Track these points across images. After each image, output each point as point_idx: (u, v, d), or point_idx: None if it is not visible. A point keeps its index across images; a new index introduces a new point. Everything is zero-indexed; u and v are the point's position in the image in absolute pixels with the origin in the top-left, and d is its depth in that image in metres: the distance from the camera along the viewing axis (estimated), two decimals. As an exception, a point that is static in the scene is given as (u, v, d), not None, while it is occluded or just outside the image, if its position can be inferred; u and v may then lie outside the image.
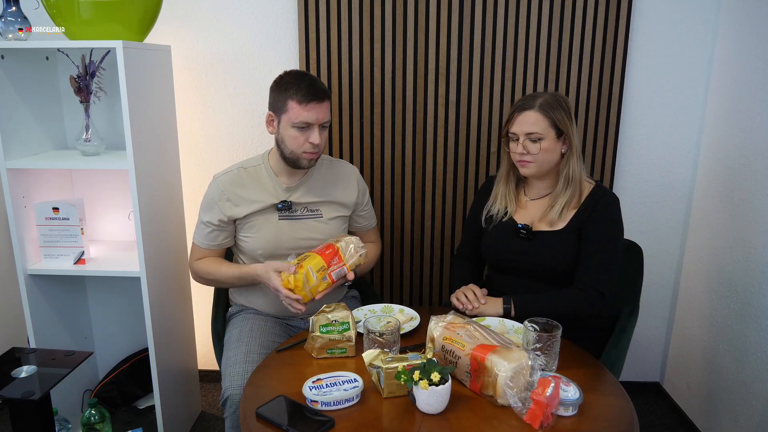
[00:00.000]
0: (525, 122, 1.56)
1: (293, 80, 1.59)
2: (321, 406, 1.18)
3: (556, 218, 1.60)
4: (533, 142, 1.56)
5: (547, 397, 1.11)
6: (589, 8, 2.06)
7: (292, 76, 1.61)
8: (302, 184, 1.71)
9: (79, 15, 1.70)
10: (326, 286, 1.55)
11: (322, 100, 1.58)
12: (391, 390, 1.21)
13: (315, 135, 1.59)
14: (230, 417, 1.48)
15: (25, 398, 1.21)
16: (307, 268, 1.51)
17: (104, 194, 2.18)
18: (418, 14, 2.08)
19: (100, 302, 2.29)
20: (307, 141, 1.59)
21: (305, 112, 1.56)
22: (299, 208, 1.71)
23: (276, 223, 1.69)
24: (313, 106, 1.57)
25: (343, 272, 1.57)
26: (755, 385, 1.81)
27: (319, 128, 1.60)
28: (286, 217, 1.69)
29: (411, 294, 2.37)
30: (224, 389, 1.49)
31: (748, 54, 1.91)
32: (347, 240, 1.61)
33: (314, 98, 1.56)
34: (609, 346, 1.59)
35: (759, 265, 1.81)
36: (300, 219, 1.70)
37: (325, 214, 1.73)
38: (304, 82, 1.58)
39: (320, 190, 1.73)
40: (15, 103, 1.83)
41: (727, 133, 2.02)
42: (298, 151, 1.61)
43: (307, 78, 1.60)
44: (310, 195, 1.72)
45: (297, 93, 1.56)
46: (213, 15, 2.14)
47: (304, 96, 1.56)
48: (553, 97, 1.57)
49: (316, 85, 1.58)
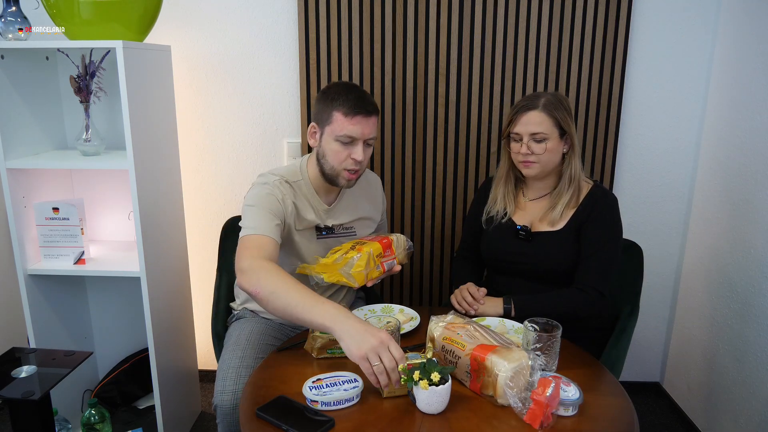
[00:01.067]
0: (529, 122, 1.55)
1: (341, 91, 1.51)
2: (321, 406, 1.18)
3: (558, 218, 1.60)
4: (538, 142, 1.55)
5: (547, 397, 1.11)
6: (589, 8, 2.06)
7: (340, 87, 1.53)
8: (339, 203, 1.67)
9: (79, 15, 1.70)
10: (378, 274, 1.54)
11: (370, 114, 1.50)
12: (391, 390, 1.21)
13: (359, 151, 1.50)
14: (222, 423, 1.46)
15: (25, 398, 1.21)
16: (369, 251, 1.50)
17: (104, 194, 2.18)
18: (418, 14, 2.08)
19: (100, 302, 2.29)
20: (349, 157, 1.51)
21: (350, 125, 1.48)
22: (337, 228, 1.68)
23: (314, 241, 1.64)
24: (359, 120, 1.48)
25: (392, 264, 1.58)
26: (755, 385, 1.81)
27: (363, 144, 1.51)
28: (324, 236, 1.66)
29: (411, 294, 2.37)
30: (215, 394, 1.45)
31: (748, 54, 1.91)
32: (398, 236, 1.64)
33: (362, 111, 1.48)
34: (609, 346, 1.59)
35: (759, 265, 1.81)
36: (336, 237, 1.68)
37: (359, 231, 1.72)
38: (352, 93, 1.50)
39: (354, 207, 1.70)
40: (15, 103, 1.83)
41: (727, 133, 2.02)
42: (339, 167, 1.53)
43: (356, 90, 1.52)
44: (346, 214, 1.68)
45: (344, 104, 1.48)
46: (213, 15, 2.14)
47: (351, 108, 1.48)
48: (555, 96, 1.57)
49: (365, 98, 1.51)
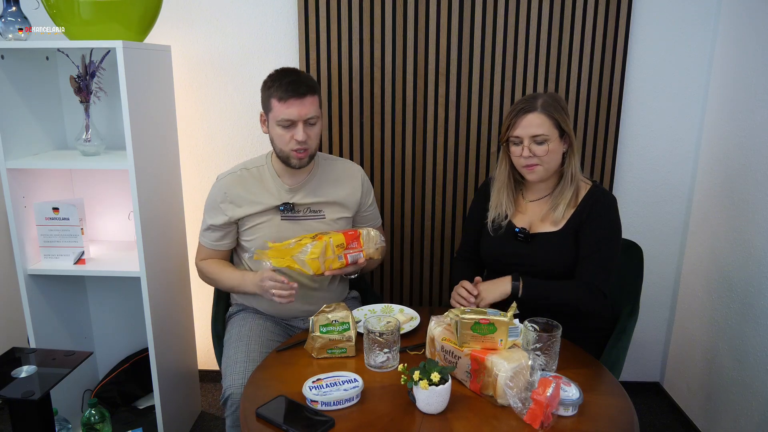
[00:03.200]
0: (530, 125, 1.52)
1: (276, 77, 1.58)
2: (321, 406, 1.18)
3: (561, 218, 1.59)
4: (539, 144, 1.53)
5: (547, 398, 1.11)
6: (589, 8, 2.06)
7: (276, 73, 1.60)
8: (305, 185, 1.71)
9: (79, 15, 1.70)
10: (340, 265, 1.57)
11: (303, 95, 1.55)
12: (465, 340, 1.23)
13: (299, 132, 1.56)
14: (230, 416, 1.48)
15: (25, 398, 1.21)
16: (328, 240, 1.54)
17: (104, 194, 2.18)
18: (418, 14, 2.08)
19: (100, 302, 2.29)
20: (292, 138, 1.57)
21: (286, 109, 1.55)
22: (302, 209, 1.70)
23: (278, 224, 1.68)
24: (293, 103, 1.55)
25: (358, 258, 1.60)
26: (755, 385, 1.81)
27: (303, 125, 1.57)
28: (289, 218, 1.69)
29: (411, 294, 2.37)
30: (225, 388, 1.49)
31: (748, 54, 1.91)
32: (369, 230, 1.64)
33: (294, 94, 1.54)
34: (609, 346, 1.59)
35: (759, 265, 1.81)
36: (302, 220, 1.70)
37: (327, 214, 1.73)
38: (285, 78, 1.56)
39: (323, 190, 1.73)
40: (15, 103, 1.83)
41: (727, 133, 2.02)
42: (286, 149, 1.60)
43: (290, 74, 1.58)
44: (312, 196, 1.71)
45: (278, 90, 1.55)
46: (213, 15, 2.14)
47: (284, 93, 1.54)
48: (551, 97, 1.56)
49: (299, 81, 1.56)
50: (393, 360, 1.35)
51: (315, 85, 1.60)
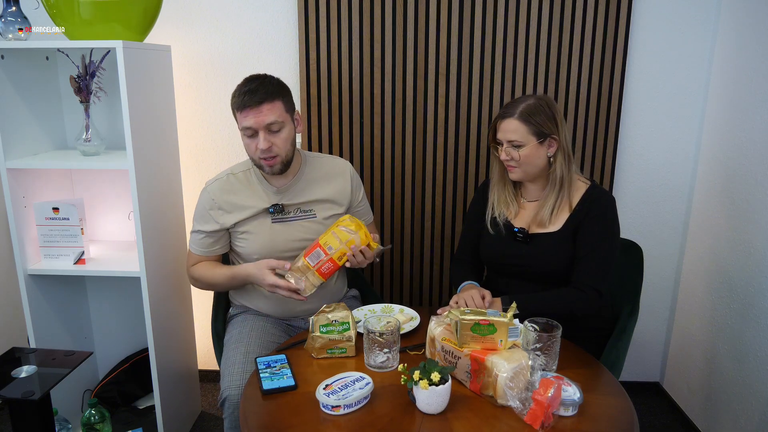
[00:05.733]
0: (506, 130, 1.57)
1: (237, 89, 1.57)
2: (344, 409, 1.17)
3: (547, 220, 1.60)
4: (515, 148, 1.57)
5: (548, 398, 1.10)
6: (589, 8, 2.06)
7: (238, 85, 1.58)
8: (293, 185, 1.70)
9: (79, 15, 1.70)
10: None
11: (260, 103, 1.52)
12: (465, 341, 1.23)
13: (260, 140, 1.54)
14: (229, 417, 1.48)
15: (25, 398, 1.20)
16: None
17: (104, 194, 2.18)
18: (418, 14, 2.08)
19: (100, 302, 2.29)
20: (257, 147, 1.55)
21: (244, 119, 1.54)
22: (292, 209, 1.70)
23: (270, 226, 1.68)
24: (248, 112, 1.53)
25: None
26: (755, 385, 1.81)
27: (265, 132, 1.54)
28: (279, 220, 1.68)
29: (411, 294, 2.37)
30: (223, 389, 1.49)
31: (748, 54, 1.91)
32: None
33: (249, 103, 1.52)
34: (609, 346, 1.59)
35: (759, 265, 1.81)
36: (294, 221, 1.70)
37: (319, 213, 1.72)
38: (244, 87, 1.55)
39: (312, 189, 1.72)
40: (15, 103, 1.83)
41: (727, 133, 2.02)
42: (255, 157, 1.59)
43: (250, 83, 1.55)
44: (301, 195, 1.70)
45: (236, 101, 1.55)
46: (213, 15, 2.14)
47: (240, 103, 1.53)
48: (537, 101, 1.56)
49: (255, 89, 1.53)
50: (393, 360, 1.35)
51: (276, 91, 1.56)
